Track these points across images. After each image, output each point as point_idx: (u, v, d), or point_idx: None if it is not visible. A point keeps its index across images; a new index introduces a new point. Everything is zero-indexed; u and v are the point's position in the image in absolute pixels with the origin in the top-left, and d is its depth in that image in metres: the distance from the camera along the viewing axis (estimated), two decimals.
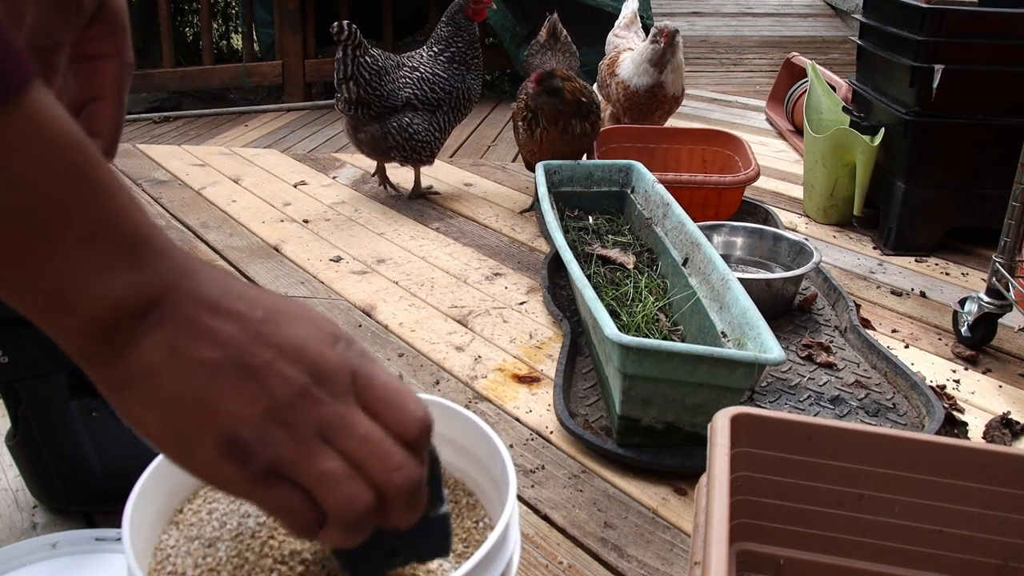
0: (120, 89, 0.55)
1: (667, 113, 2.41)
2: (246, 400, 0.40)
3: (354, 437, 0.42)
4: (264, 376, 0.41)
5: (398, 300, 1.68)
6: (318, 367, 0.42)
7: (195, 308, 0.41)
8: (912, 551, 0.74)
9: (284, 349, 0.42)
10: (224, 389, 0.40)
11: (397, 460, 0.43)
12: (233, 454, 0.40)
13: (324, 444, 0.42)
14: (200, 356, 0.40)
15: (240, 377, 0.40)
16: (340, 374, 0.43)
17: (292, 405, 0.41)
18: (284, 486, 0.41)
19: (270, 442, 0.41)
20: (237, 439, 0.40)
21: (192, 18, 4.90)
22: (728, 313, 1.22)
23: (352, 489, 0.42)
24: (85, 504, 1.01)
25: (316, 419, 0.42)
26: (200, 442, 0.40)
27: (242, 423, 0.40)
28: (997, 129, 1.82)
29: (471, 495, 0.68)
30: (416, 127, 2.18)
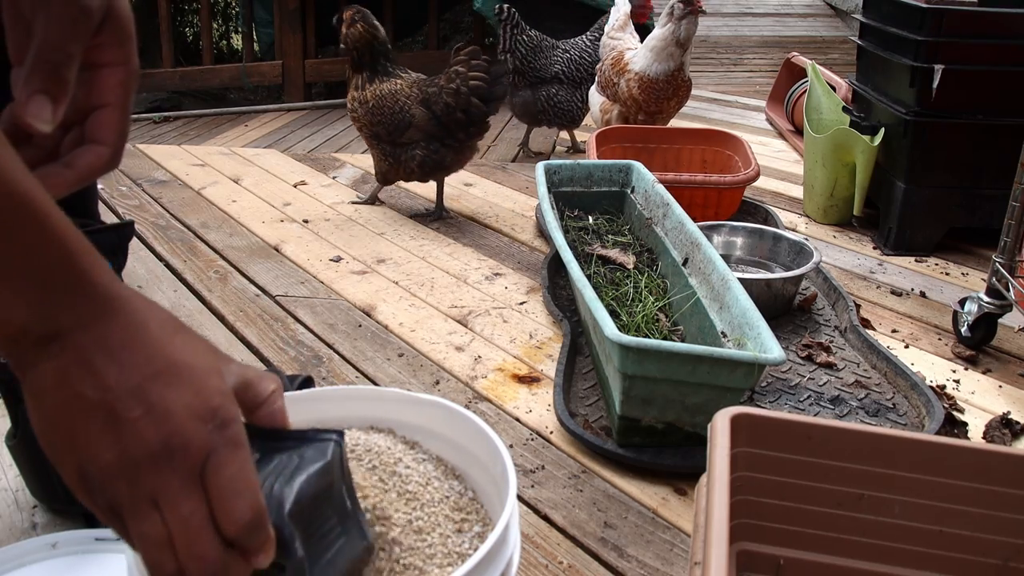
0: (126, 97, 0.55)
1: (681, 102, 2.39)
2: (103, 445, 0.44)
3: (176, 515, 0.45)
4: (125, 430, 0.44)
5: (398, 300, 1.68)
6: (173, 439, 0.45)
7: (94, 350, 0.44)
8: (912, 551, 0.73)
9: (154, 411, 0.45)
10: (90, 427, 0.44)
11: (200, 550, 0.45)
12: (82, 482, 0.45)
13: (153, 509, 0.45)
14: (81, 391, 0.44)
15: (106, 422, 0.44)
16: (192, 452, 0.45)
17: (137, 465, 0.44)
18: (118, 524, 0.46)
19: (110, 488, 0.45)
20: (83, 472, 0.45)
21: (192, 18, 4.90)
22: (728, 313, 1.22)
23: (160, 556, 0.45)
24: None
25: (152, 485, 0.45)
26: (65, 461, 0.45)
27: (93, 464, 0.44)
28: (997, 129, 1.82)
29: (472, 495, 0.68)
30: (560, 96, 2.62)
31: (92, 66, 0.54)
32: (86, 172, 0.54)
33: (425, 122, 1.99)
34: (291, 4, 3.69)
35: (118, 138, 0.55)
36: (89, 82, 0.54)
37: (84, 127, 0.54)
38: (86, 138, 0.54)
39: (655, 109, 2.36)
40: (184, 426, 0.45)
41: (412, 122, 2.00)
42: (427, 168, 2.04)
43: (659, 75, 2.30)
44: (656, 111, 2.37)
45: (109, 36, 0.54)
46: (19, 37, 0.51)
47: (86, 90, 0.54)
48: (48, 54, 0.50)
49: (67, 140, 0.55)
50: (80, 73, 0.52)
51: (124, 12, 0.54)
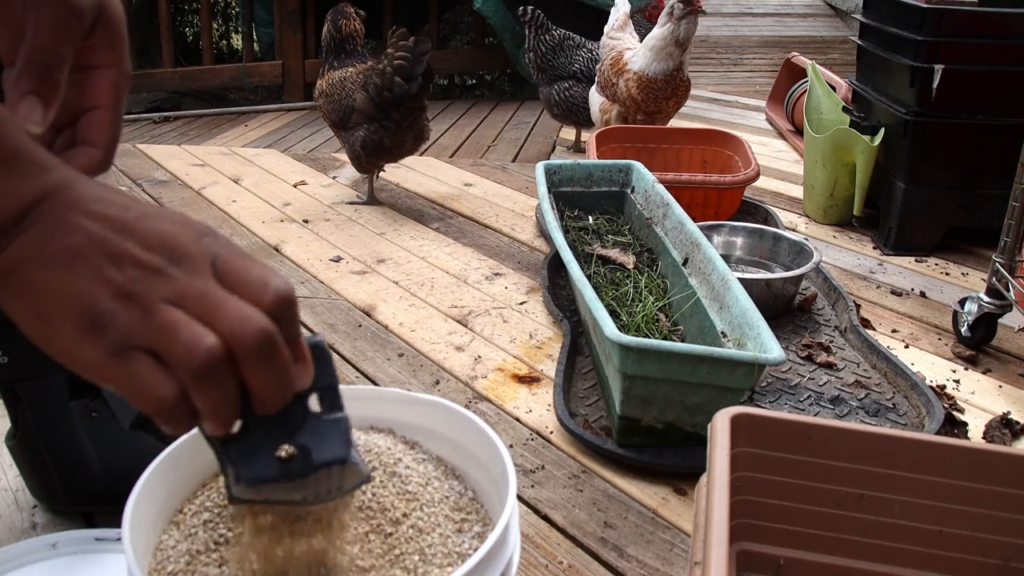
0: (117, 99, 0.55)
1: (680, 102, 2.39)
2: (103, 280, 0.43)
3: (202, 300, 0.44)
4: (122, 259, 0.43)
5: (398, 300, 1.68)
6: (176, 252, 0.44)
7: (68, 210, 0.44)
8: (912, 551, 0.74)
9: (146, 239, 0.44)
10: (84, 271, 0.43)
11: (246, 311, 0.44)
12: (90, 331, 0.43)
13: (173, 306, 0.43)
14: (64, 244, 0.43)
15: (100, 261, 0.43)
16: (198, 257, 0.45)
17: (146, 279, 0.43)
18: (139, 359, 0.43)
19: (125, 313, 0.43)
20: (92, 314, 0.42)
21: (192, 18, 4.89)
22: (728, 313, 1.22)
23: (195, 331, 0.43)
24: (85, 504, 1.01)
25: (168, 290, 0.43)
26: (60, 322, 0.43)
27: (97, 299, 0.43)
28: (997, 129, 1.82)
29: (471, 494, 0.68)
30: (574, 93, 2.67)
31: (84, 68, 0.54)
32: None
33: (365, 105, 2.06)
34: (291, 4, 3.69)
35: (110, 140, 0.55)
36: (80, 84, 0.54)
37: (76, 129, 0.54)
38: (77, 140, 0.54)
39: (654, 109, 2.36)
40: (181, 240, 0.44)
41: (355, 106, 2.08)
42: (368, 149, 2.10)
43: (658, 75, 2.30)
44: (655, 111, 2.37)
45: (101, 38, 0.53)
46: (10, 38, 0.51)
47: (77, 92, 0.54)
48: (39, 56, 0.50)
49: (59, 142, 0.55)
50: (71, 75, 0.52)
51: (116, 14, 0.54)
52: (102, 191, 0.46)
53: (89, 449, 0.96)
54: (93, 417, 0.96)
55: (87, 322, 0.43)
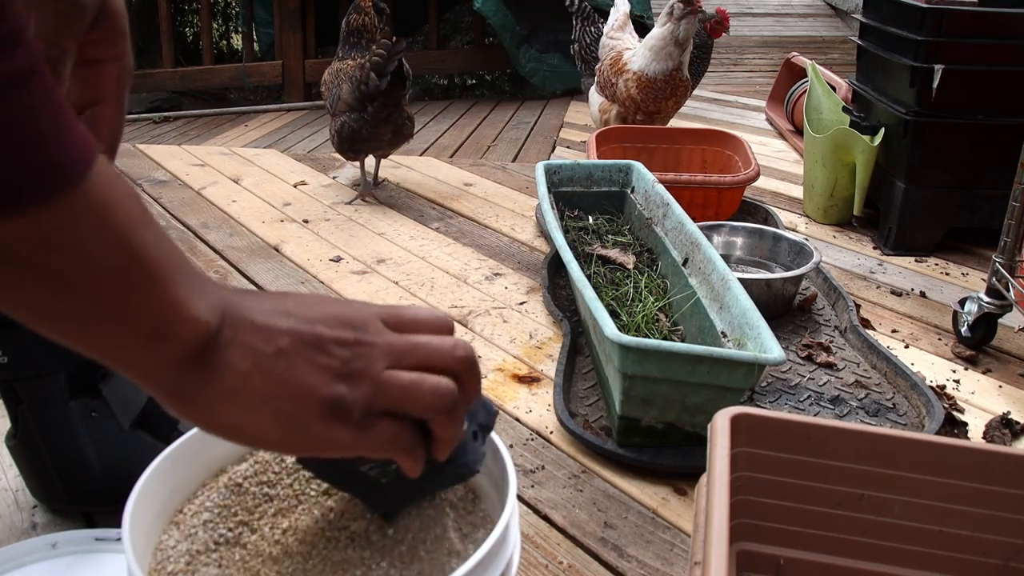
0: (120, 93, 0.55)
1: (679, 102, 2.39)
2: (324, 368, 0.47)
3: (411, 351, 0.50)
4: (326, 344, 0.47)
5: (398, 300, 1.68)
6: (355, 322, 0.49)
7: (250, 313, 0.47)
8: (912, 551, 0.73)
9: (326, 321, 0.48)
10: (303, 367, 0.46)
11: (450, 343, 0.51)
12: (335, 414, 0.47)
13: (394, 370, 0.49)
14: (275, 348, 0.46)
15: (309, 353, 0.47)
16: (372, 321, 0.50)
17: (357, 356, 0.48)
18: (383, 421, 0.48)
19: (358, 389, 0.47)
20: (333, 400, 0.47)
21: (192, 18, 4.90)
22: (728, 313, 1.22)
23: (433, 381, 0.49)
24: (85, 504, 1.01)
25: (378, 356, 0.49)
26: (308, 418, 0.46)
27: (331, 385, 0.47)
28: (997, 129, 1.82)
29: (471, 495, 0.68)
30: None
31: (86, 62, 0.54)
32: None
33: (348, 96, 2.16)
34: (291, 4, 3.69)
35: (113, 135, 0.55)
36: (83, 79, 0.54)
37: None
38: None
39: (653, 109, 2.36)
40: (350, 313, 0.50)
41: (341, 96, 2.19)
42: (344, 135, 2.20)
43: (657, 74, 2.30)
44: (654, 111, 2.37)
45: (103, 32, 0.53)
46: None
47: (80, 87, 0.54)
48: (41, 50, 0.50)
49: None
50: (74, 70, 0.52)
51: (118, 8, 0.54)
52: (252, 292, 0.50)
53: (89, 449, 0.96)
54: (93, 417, 0.96)
55: (331, 411, 0.46)
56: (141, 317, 0.42)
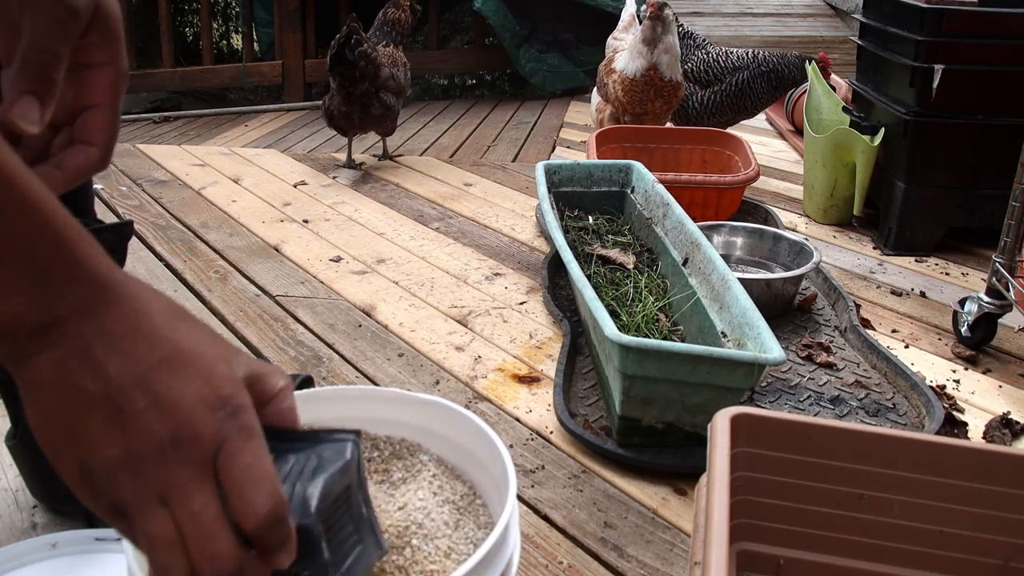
0: (115, 97, 0.55)
1: (668, 103, 2.38)
2: (107, 439, 0.42)
3: (186, 511, 0.42)
4: (130, 423, 0.42)
5: (398, 300, 1.68)
6: (182, 430, 0.42)
7: (94, 339, 0.42)
8: (912, 551, 0.73)
9: (160, 401, 0.42)
10: (92, 422, 0.42)
11: (214, 548, 0.43)
12: (86, 482, 0.43)
13: (161, 506, 0.42)
14: (81, 384, 0.42)
15: (109, 415, 0.42)
16: (203, 443, 0.43)
17: (144, 460, 0.42)
18: (124, 523, 0.43)
19: (115, 486, 0.42)
20: (89, 471, 0.42)
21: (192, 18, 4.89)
22: (728, 313, 1.22)
23: (168, 559, 0.42)
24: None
25: (160, 480, 0.42)
26: (65, 459, 0.43)
27: (96, 459, 0.42)
28: (997, 129, 1.82)
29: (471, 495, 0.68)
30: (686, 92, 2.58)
31: (81, 66, 0.53)
32: (76, 173, 0.53)
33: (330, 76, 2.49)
34: (291, 4, 3.69)
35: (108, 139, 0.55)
36: (78, 83, 0.54)
37: (73, 128, 0.54)
38: (75, 139, 0.54)
39: (639, 110, 2.37)
40: (193, 415, 0.42)
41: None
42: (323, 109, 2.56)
43: (634, 73, 2.31)
44: (640, 112, 2.37)
45: (97, 36, 0.53)
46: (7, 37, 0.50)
47: (75, 91, 0.54)
48: (35, 55, 0.49)
49: (57, 141, 0.54)
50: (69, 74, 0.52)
51: (112, 12, 0.54)
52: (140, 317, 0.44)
53: None
54: None
55: (85, 474, 0.43)
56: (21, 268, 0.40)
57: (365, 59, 2.40)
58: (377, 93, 2.48)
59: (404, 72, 2.59)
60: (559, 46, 3.82)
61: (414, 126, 3.27)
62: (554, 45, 3.81)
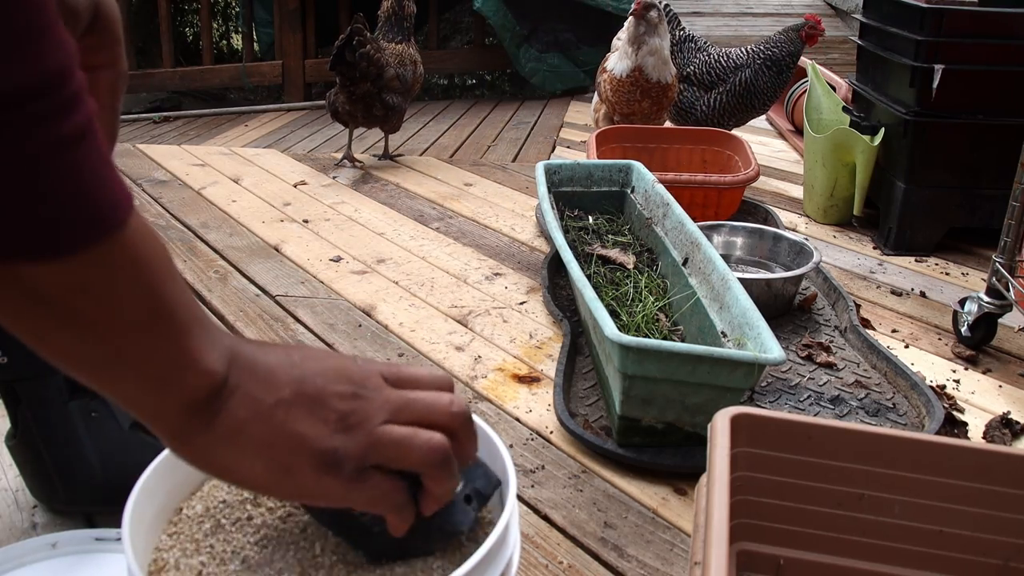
0: (115, 99, 0.55)
1: (657, 104, 2.37)
2: (321, 420, 0.48)
3: (407, 407, 0.51)
4: (325, 398, 0.49)
5: (398, 300, 1.68)
6: (355, 377, 0.51)
7: (255, 368, 0.48)
8: (912, 551, 0.73)
9: (327, 375, 0.50)
10: (301, 418, 0.48)
11: (446, 399, 0.52)
12: (328, 466, 0.48)
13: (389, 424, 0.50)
14: (275, 399, 0.48)
15: (308, 405, 0.48)
16: (372, 377, 0.52)
17: (354, 410, 0.49)
18: (375, 476, 0.50)
19: (352, 442, 0.49)
20: (327, 452, 0.48)
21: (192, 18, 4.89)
22: (728, 313, 1.22)
23: (425, 435, 0.50)
24: (85, 504, 1.01)
25: (375, 410, 0.50)
26: (299, 467, 0.48)
27: (326, 438, 0.48)
28: (997, 129, 1.82)
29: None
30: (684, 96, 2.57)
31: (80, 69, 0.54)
32: None
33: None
34: (291, 4, 3.69)
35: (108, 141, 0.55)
36: None
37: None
38: None
39: (627, 111, 2.37)
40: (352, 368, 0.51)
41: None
42: (329, 100, 2.59)
43: (621, 73, 2.32)
44: (629, 112, 2.37)
45: (97, 38, 0.53)
46: None
47: None
48: None
49: None
50: None
51: (112, 14, 0.54)
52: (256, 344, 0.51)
53: (89, 449, 0.96)
54: (93, 417, 0.96)
55: (325, 462, 0.48)
56: (156, 365, 0.44)
57: (367, 60, 2.40)
58: (379, 94, 2.49)
59: (412, 70, 2.59)
60: (559, 46, 3.82)
61: (414, 126, 3.27)
62: (554, 45, 3.81)
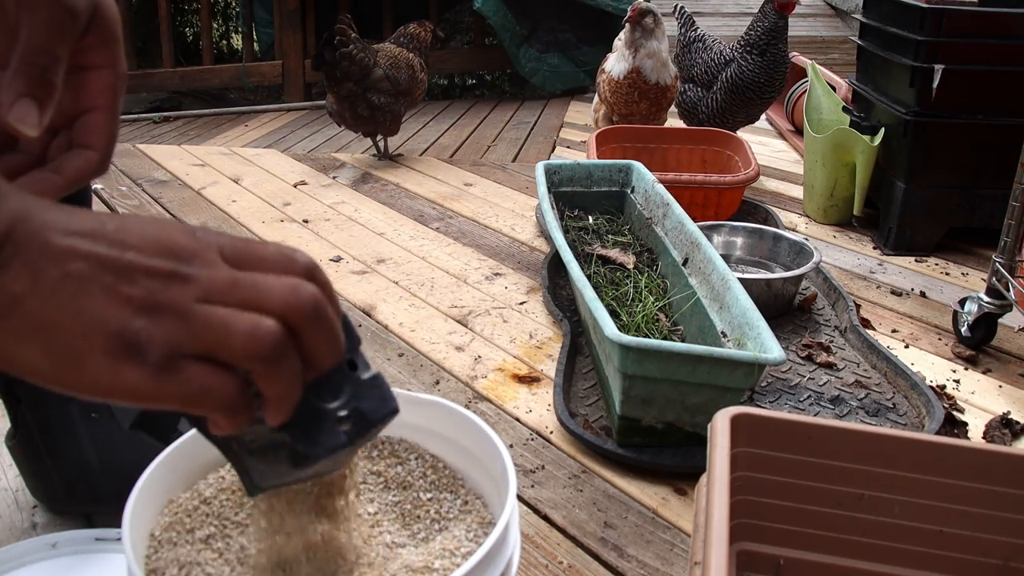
0: (114, 100, 0.55)
1: (655, 105, 2.37)
2: (121, 298, 0.40)
3: (236, 287, 0.41)
4: (131, 272, 0.40)
5: (398, 300, 1.68)
6: (179, 251, 0.41)
7: (48, 233, 0.40)
8: (912, 551, 0.74)
9: (143, 247, 0.41)
10: (96, 295, 0.39)
11: (288, 283, 0.42)
12: (127, 353, 0.39)
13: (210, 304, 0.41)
14: (64, 271, 0.39)
15: (109, 280, 0.40)
16: (204, 251, 0.42)
17: (166, 287, 0.40)
18: (190, 366, 0.40)
19: (158, 325, 0.40)
20: (125, 336, 0.39)
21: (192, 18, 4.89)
22: (728, 313, 1.22)
23: (248, 319, 0.41)
24: (85, 504, 1.01)
25: (195, 290, 0.41)
26: (89, 354, 0.39)
27: (123, 320, 0.39)
28: (997, 129, 1.82)
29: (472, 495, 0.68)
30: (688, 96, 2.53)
31: (79, 69, 0.53)
32: (75, 177, 0.53)
33: None
34: (291, 4, 3.69)
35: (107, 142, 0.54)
36: (76, 85, 0.53)
37: (72, 131, 0.54)
38: (74, 142, 0.53)
39: (625, 111, 2.37)
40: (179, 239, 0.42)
41: None
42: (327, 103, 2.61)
43: (619, 75, 2.33)
44: (626, 112, 2.37)
45: (96, 38, 0.53)
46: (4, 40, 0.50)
47: (73, 94, 0.53)
48: (33, 57, 0.49)
49: (55, 145, 0.54)
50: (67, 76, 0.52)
51: (111, 14, 0.53)
52: (69, 211, 0.42)
53: (89, 449, 0.96)
54: (93, 417, 0.96)
55: (121, 346, 0.39)
56: None
57: (348, 60, 2.43)
58: (364, 93, 2.50)
59: (408, 74, 2.58)
60: (559, 46, 3.82)
61: (414, 126, 3.27)
62: (554, 45, 3.81)
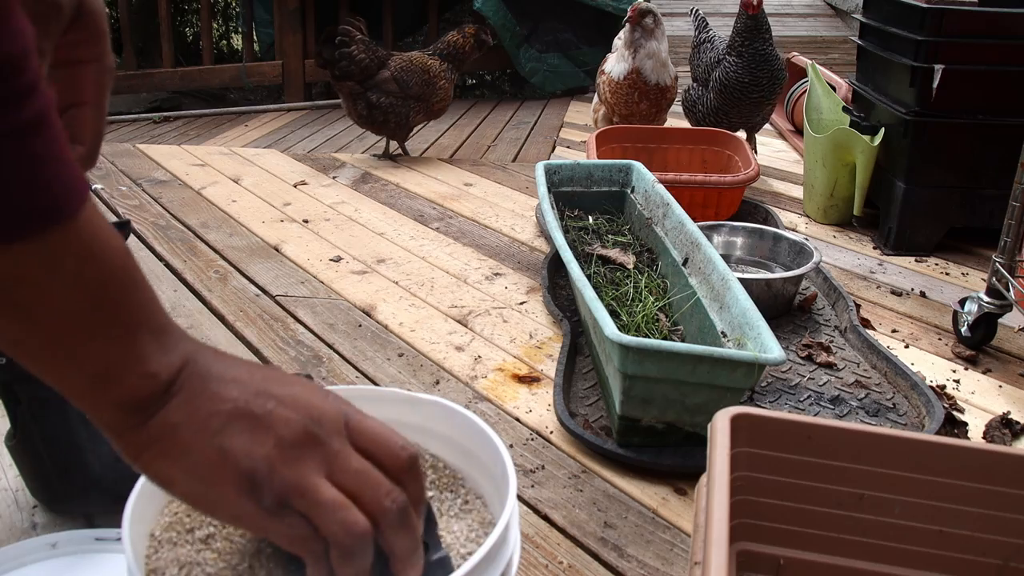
0: (100, 94, 0.54)
1: (655, 105, 2.37)
2: (256, 442, 0.46)
3: (350, 471, 0.48)
4: (269, 421, 0.47)
5: (398, 300, 1.68)
6: (313, 412, 0.48)
7: (206, 378, 0.47)
8: (912, 551, 0.73)
9: (283, 400, 0.48)
10: (236, 435, 0.46)
11: (387, 488, 0.48)
12: (248, 491, 0.46)
13: (324, 478, 0.47)
14: (213, 409, 0.46)
15: (249, 424, 0.46)
16: (334, 418, 0.49)
17: (295, 444, 0.47)
18: (294, 517, 0.47)
19: (279, 476, 0.46)
20: (251, 475, 0.46)
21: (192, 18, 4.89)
22: (728, 313, 1.22)
23: (349, 516, 0.47)
24: (85, 504, 1.01)
25: (317, 456, 0.47)
26: (219, 482, 0.46)
27: (254, 461, 0.46)
28: (997, 129, 1.82)
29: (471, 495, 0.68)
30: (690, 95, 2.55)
31: (65, 64, 0.53)
32: None
33: None
34: (291, 4, 3.69)
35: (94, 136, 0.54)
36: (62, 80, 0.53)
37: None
38: None
39: (625, 111, 2.37)
40: (312, 402, 0.48)
41: None
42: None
43: (619, 76, 2.33)
44: (627, 113, 2.37)
45: (81, 32, 0.53)
46: None
47: (59, 88, 0.53)
48: None
49: None
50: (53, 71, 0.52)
51: (96, 8, 0.53)
52: (223, 357, 0.49)
53: (89, 449, 0.96)
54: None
55: (245, 484, 0.46)
56: (95, 361, 0.44)
57: (347, 60, 2.50)
58: (365, 93, 2.54)
59: (420, 79, 2.58)
60: (559, 46, 3.82)
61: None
62: (554, 45, 3.81)
